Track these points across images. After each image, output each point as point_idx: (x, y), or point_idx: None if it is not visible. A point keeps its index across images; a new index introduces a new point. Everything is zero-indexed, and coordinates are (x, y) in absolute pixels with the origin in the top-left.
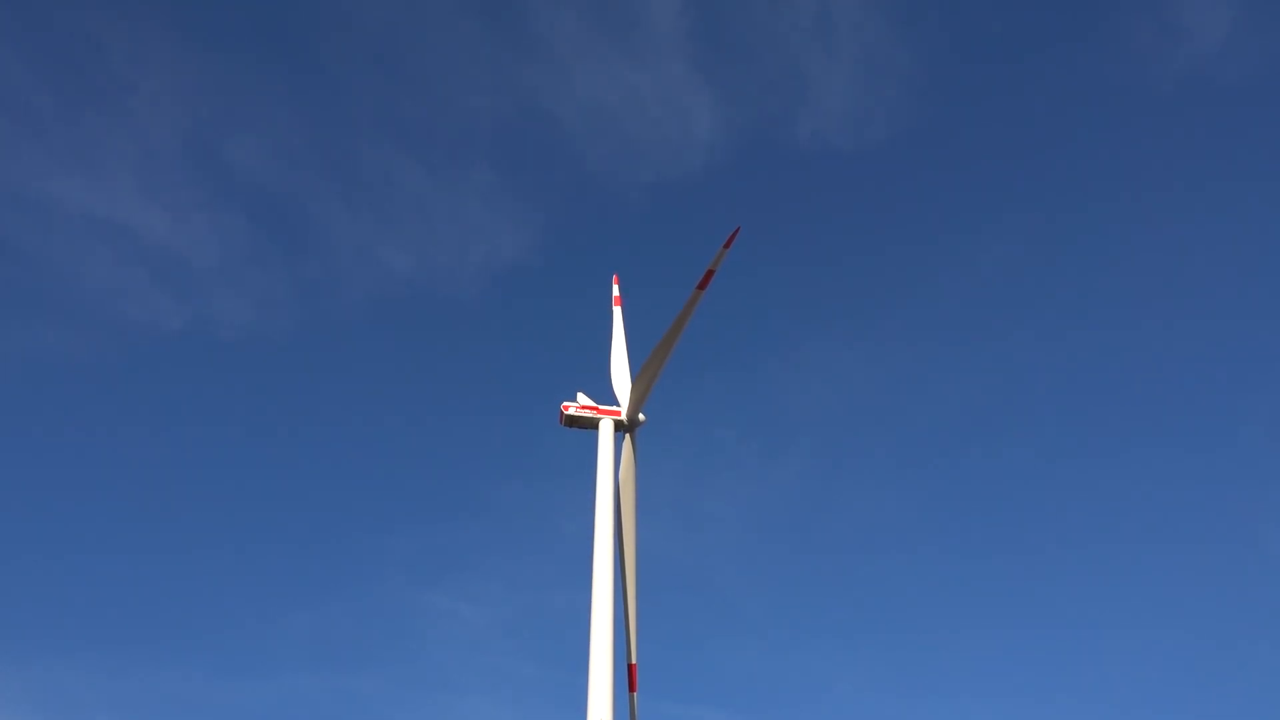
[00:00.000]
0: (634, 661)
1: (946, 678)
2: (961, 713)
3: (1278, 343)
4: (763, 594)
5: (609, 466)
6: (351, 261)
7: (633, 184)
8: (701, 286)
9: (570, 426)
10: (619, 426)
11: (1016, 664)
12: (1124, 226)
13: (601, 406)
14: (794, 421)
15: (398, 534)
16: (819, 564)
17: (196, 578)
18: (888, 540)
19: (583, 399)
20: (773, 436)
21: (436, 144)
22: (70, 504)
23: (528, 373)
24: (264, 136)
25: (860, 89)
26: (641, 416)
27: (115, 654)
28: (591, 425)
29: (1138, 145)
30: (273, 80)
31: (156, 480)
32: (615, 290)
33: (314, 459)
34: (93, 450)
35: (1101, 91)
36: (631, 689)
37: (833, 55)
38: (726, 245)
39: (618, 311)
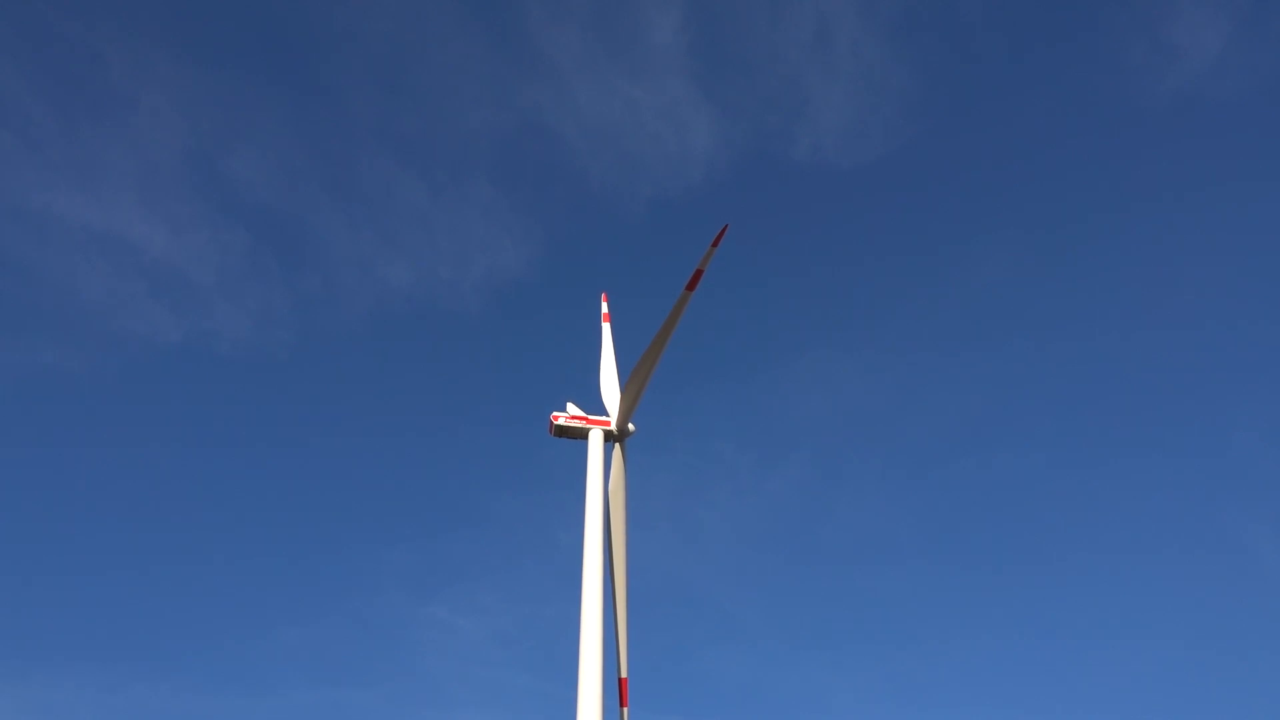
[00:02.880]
0: (625, 675)
1: (943, 687)
2: None
3: (1269, 353)
4: (759, 604)
5: (599, 477)
6: (351, 276)
7: (632, 199)
8: (690, 287)
9: (560, 437)
10: (608, 437)
11: (1012, 672)
12: (1117, 239)
13: (591, 417)
14: (791, 432)
15: (395, 547)
16: (815, 574)
17: (193, 591)
18: (884, 550)
19: (573, 409)
20: (769, 447)
21: (437, 159)
22: (67, 517)
23: (526, 386)
24: (264, 151)
25: (857, 105)
26: (631, 426)
27: (111, 668)
28: (581, 435)
29: (1131, 160)
30: (273, 95)
31: (153, 493)
32: (604, 307)
33: (311, 472)
34: (89, 463)
35: (1096, 108)
36: (622, 703)
37: (831, 72)
38: (714, 244)
39: (606, 328)
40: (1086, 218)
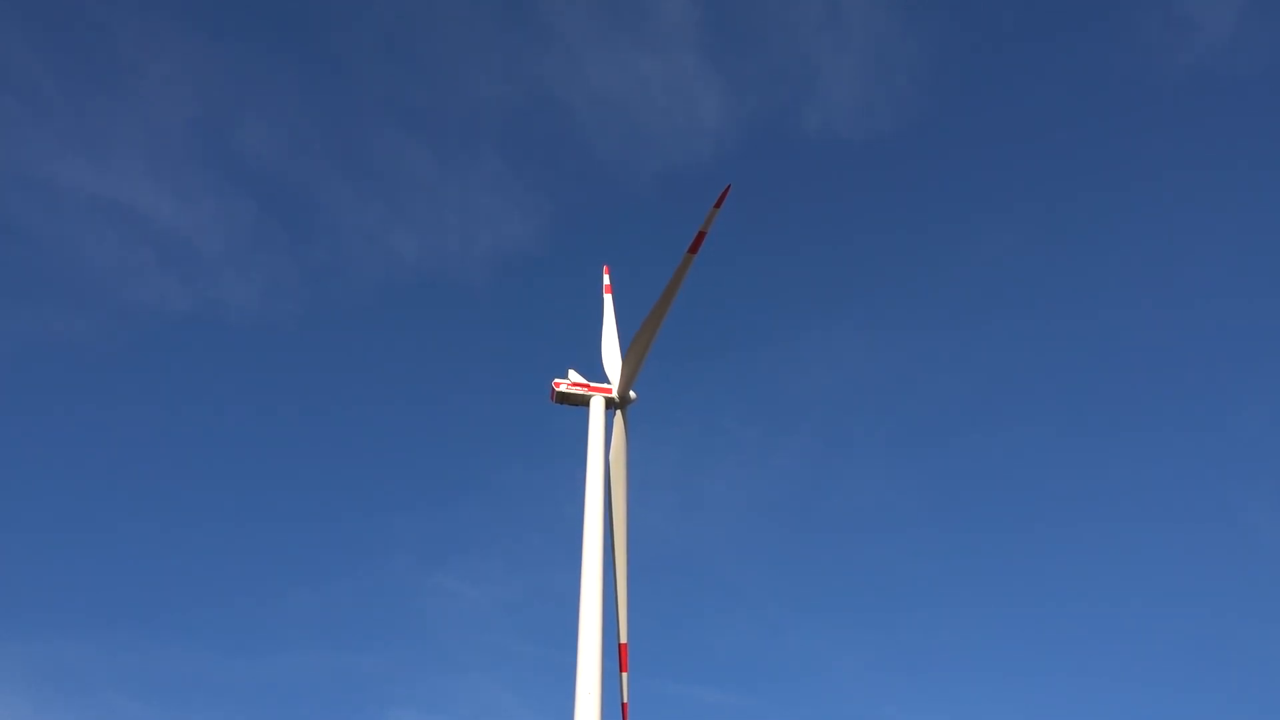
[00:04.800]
0: (624, 641)
1: (943, 657)
2: (958, 690)
3: (1276, 332)
4: (763, 575)
5: (600, 443)
6: (359, 247)
7: (641, 172)
8: (693, 250)
9: (561, 403)
10: (610, 404)
11: (1013, 643)
12: (1126, 217)
13: (592, 384)
14: (796, 406)
15: (403, 515)
16: (819, 545)
17: (203, 557)
18: (887, 522)
19: (575, 376)
20: (774, 420)
21: (445, 131)
22: (77, 483)
23: (533, 358)
24: (273, 121)
25: (868, 80)
26: (632, 394)
27: (122, 631)
28: (582, 402)
29: (1143, 137)
30: (282, 65)
31: (163, 461)
32: (606, 279)
33: (320, 441)
34: (99, 431)
35: (1108, 83)
36: (622, 668)
37: (841, 46)
38: (717, 205)
39: (608, 299)
40: (1096, 194)
